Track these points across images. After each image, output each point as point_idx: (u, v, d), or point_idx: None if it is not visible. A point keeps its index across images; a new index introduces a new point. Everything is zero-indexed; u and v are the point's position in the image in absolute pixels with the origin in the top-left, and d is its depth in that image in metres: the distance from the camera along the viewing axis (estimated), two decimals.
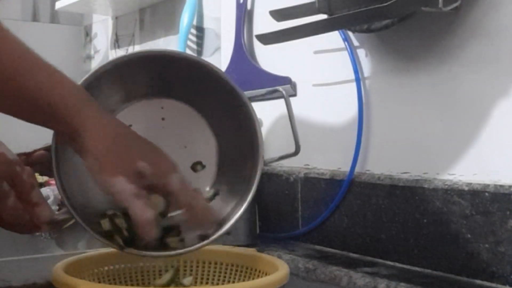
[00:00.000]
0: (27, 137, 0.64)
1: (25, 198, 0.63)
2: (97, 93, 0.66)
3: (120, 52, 1.72)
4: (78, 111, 0.60)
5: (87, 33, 1.92)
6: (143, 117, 0.73)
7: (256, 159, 0.71)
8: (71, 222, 0.67)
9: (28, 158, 0.67)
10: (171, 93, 0.74)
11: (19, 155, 0.67)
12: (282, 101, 0.76)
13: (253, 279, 0.74)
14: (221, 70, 0.72)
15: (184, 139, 0.75)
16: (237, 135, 0.73)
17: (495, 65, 0.79)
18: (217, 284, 0.78)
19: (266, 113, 1.10)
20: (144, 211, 0.62)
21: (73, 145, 0.62)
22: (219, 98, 0.73)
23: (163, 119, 0.74)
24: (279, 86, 0.75)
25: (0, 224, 0.64)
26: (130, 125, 0.72)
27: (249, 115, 0.71)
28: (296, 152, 0.74)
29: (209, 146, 0.76)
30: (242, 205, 0.71)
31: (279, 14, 0.97)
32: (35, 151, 0.68)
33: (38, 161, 0.67)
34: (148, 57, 0.70)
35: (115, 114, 0.73)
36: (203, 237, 0.70)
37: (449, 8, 0.79)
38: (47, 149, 0.67)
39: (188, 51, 1.36)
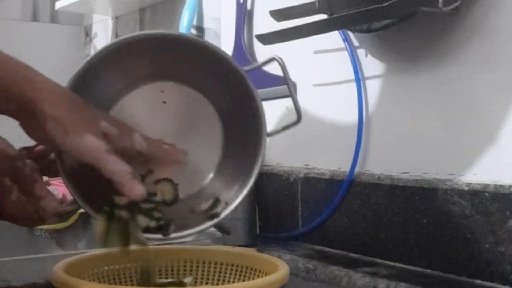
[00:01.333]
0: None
1: (28, 192, 0.63)
2: (94, 82, 0.66)
3: None
4: (32, 85, 0.58)
5: (87, 33, 1.92)
6: (144, 103, 0.72)
7: (259, 139, 0.71)
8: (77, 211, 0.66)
9: (30, 153, 0.67)
10: (171, 76, 0.73)
11: (21, 149, 0.66)
12: (283, 100, 0.76)
13: (253, 279, 0.74)
14: (224, 51, 0.71)
15: (187, 120, 0.74)
16: (242, 119, 0.73)
17: (495, 65, 0.79)
18: (217, 284, 0.78)
19: (267, 113, 1.10)
20: (122, 164, 0.60)
21: (31, 122, 0.59)
22: (223, 80, 0.72)
23: (164, 102, 0.74)
24: (275, 55, 0.75)
25: (6, 218, 0.64)
26: (133, 113, 0.72)
27: (256, 105, 0.71)
28: (298, 121, 0.74)
29: (214, 128, 0.75)
30: (246, 186, 0.70)
31: (279, 14, 0.97)
32: (36, 145, 0.67)
33: (40, 155, 0.67)
34: (146, 40, 0.69)
35: (115, 103, 0.72)
36: (211, 217, 0.70)
37: (449, 8, 0.79)
38: None
39: None
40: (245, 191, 0.70)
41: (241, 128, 0.73)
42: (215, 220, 0.70)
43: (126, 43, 0.68)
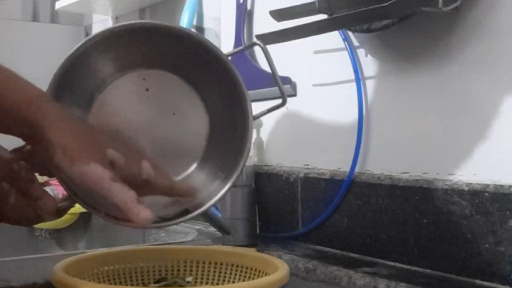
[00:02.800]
0: None
1: (26, 193, 0.63)
2: (77, 75, 0.66)
3: None
4: (41, 111, 0.59)
5: (87, 33, 1.92)
6: (126, 91, 0.72)
7: (245, 134, 0.70)
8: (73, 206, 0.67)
9: (20, 154, 0.67)
10: (153, 64, 0.73)
11: (12, 151, 0.66)
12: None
13: (253, 279, 0.75)
14: (205, 39, 0.71)
15: (171, 106, 0.74)
16: (228, 110, 0.72)
17: (495, 65, 0.79)
18: (217, 284, 0.78)
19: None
20: (127, 192, 0.60)
21: (39, 148, 0.60)
22: (206, 68, 0.72)
23: (147, 89, 0.74)
24: (256, 40, 0.74)
25: (4, 221, 0.65)
26: (115, 102, 0.72)
27: (241, 91, 0.70)
28: (283, 103, 0.73)
29: (199, 115, 0.75)
30: (230, 179, 0.70)
31: (279, 14, 0.97)
32: (25, 145, 0.67)
33: (31, 154, 0.67)
34: (127, 30, 0.69)
35: (96, 95, 0.72)
36: (194, 208, 0.69)
37: (449, 8, 0.79)
38: None
39: None
40: (227, 188, 0.70)
41: (227, 117, 0.73)
42: (200, 210, 0.69)
43: (107, 35, 0.68)
